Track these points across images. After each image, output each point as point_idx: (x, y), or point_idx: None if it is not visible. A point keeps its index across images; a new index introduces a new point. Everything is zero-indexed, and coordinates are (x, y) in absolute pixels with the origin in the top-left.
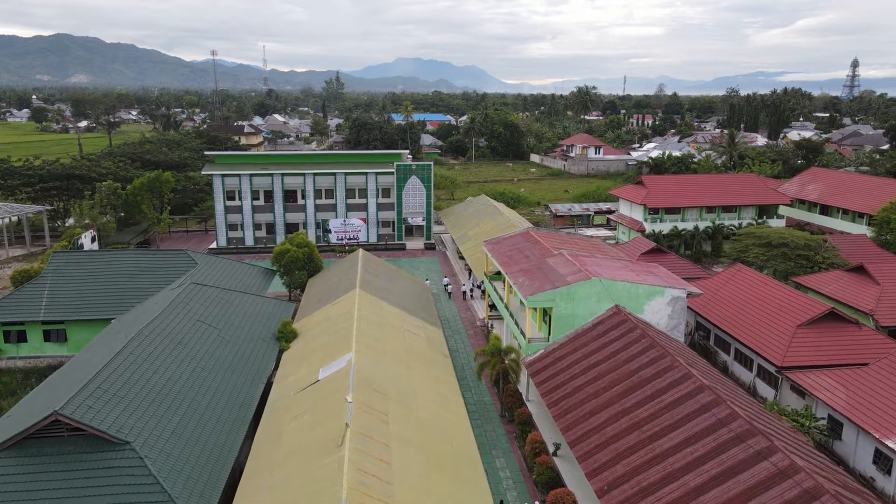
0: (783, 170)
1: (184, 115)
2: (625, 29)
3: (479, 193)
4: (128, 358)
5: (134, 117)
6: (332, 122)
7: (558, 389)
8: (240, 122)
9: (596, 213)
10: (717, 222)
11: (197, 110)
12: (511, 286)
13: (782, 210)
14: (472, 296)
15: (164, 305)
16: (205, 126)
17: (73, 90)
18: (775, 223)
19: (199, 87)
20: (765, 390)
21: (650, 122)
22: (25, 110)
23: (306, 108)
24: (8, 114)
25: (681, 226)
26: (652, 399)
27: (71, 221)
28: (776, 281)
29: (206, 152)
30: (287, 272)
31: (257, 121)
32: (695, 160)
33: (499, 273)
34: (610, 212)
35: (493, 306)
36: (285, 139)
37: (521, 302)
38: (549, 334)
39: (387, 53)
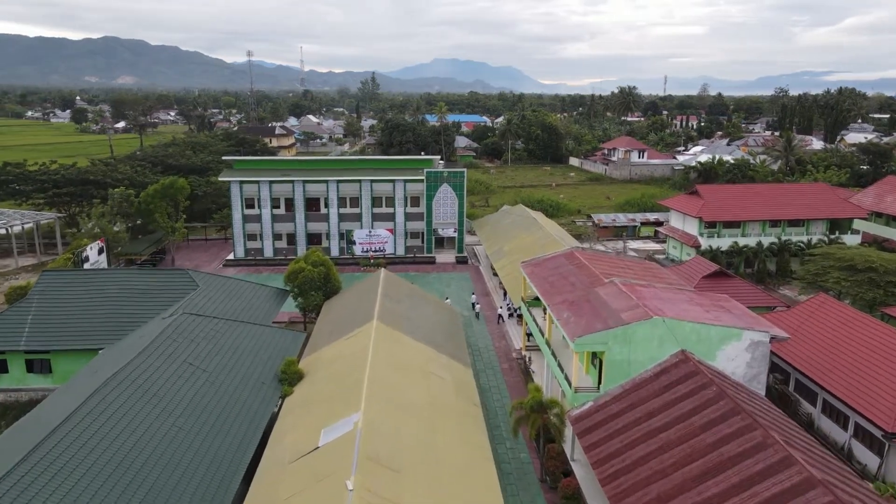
0: (849, 177)
1: (220, 116)
2: (664, 28)
3: (515, 199)
4: (84, 420)
5: (172, 118)
6: (366, 122)
7: (613, 459)
8: (273, 124)
9: (643, 223)
10: (784, 238)
11: (234, 111)
12: (553, 320)
13: (857, 224)
14: (507, 318)
15: (146, 343)
16: (235, 128)
17: (118, 91)
18: (850, 239)
19: (240, 88)
20: (865, 456)
21: (694, 123)
22: (69, 111)
23: (341, 109)
24: (52, 114)
25: (742, 241)
26: (742, 490)
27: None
28: (874, 319)
29: (224, 157)
30: (301, 293)
31: (291, 121)
32: (752, 167)
33: (538, 298)
34: (658, 223)
35: (530, 334)
36: (317, 140)
37: (565, 337)
38: (600, 383)
39: (424, 54)
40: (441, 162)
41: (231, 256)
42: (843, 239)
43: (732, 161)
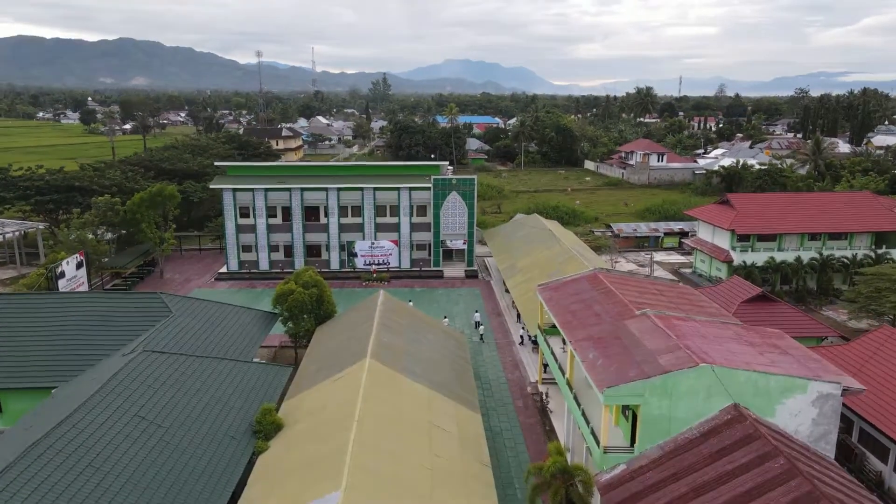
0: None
1: (230, 117)
2: (678, 29)
3: (528, 205)
4: None
5: (182, 119)
6: (377, 124)
7: None
8: (281, 125)
9: (666, 234)
10: (826, 252)
11: (244, 112)
12: (576, 358)
13: None
14: (521, 343)
15: (92, 391)
16: (241, 130)
17: (131, 92)
18: None
19: (253, 89)
20: None
21: (713, 125)
22: (79, 112)
23: (352, 110)
24: (62, 115)
25: (778, 256)
26: None
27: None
28: None
29: (216, 163)
30: (291, 317)
31: (301, 123)
32: (782, 172)
33: (556, 325)
34: (683, 233)
35: (547, 365)
36: (326, 142)
37: (590, 383)
38: (634, 442)
39: (436, 55)
40: (450, 168)
41: (224, 269)
42: (891, 254)
43: (759, 166)
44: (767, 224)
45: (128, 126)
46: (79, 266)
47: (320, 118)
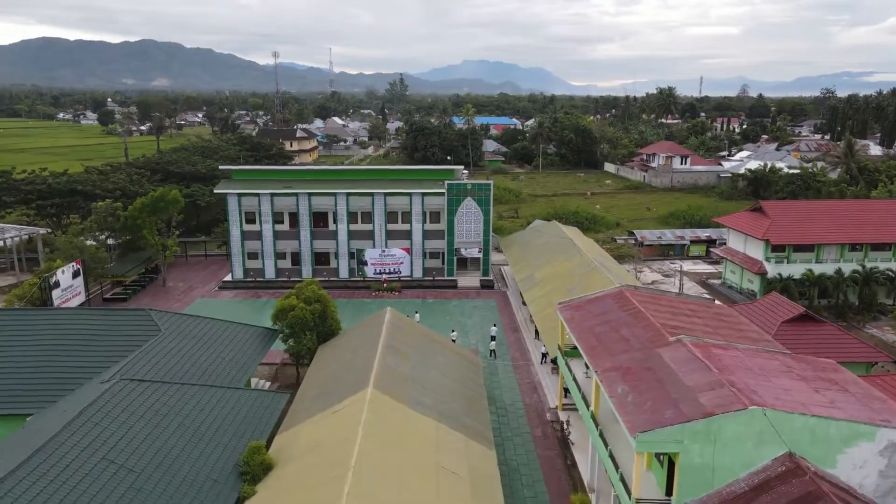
0: None
1: (247, 118)
2: (698, 29)
3: (547, 209)
4: None
5: (200, 120)
6: (393, 125)
7: None
8: (297, 126)
9: (692, 241)
10: (869, 265)
11: (261, 113)
12: (603, 392)
13: None
14: (542, 362)
15: (58, 428)
16: (255, 131)
17: (152, 93)
18: None
19: (271, 89)
20: None
21: (736, 126)
22: (98, 113)
23: (369, 111)
24: (82, 116)
25: (817, 269)
26: None
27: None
28: None
29: (220, 167)
30: (292, 335)
31: (317, 123)
32: (816, 177)
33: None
34: (710, 241)
35: (568, 390)
36: (341, 143)
37: (619, 421)
38: (673, 494)
39: (453, 56)
40: (465, 172)
41: (228, 277)
42: None
43: (788, 169)
44: (804, 233)
45: (144, 127)
46: (75, 275)
47: (336, 119)
